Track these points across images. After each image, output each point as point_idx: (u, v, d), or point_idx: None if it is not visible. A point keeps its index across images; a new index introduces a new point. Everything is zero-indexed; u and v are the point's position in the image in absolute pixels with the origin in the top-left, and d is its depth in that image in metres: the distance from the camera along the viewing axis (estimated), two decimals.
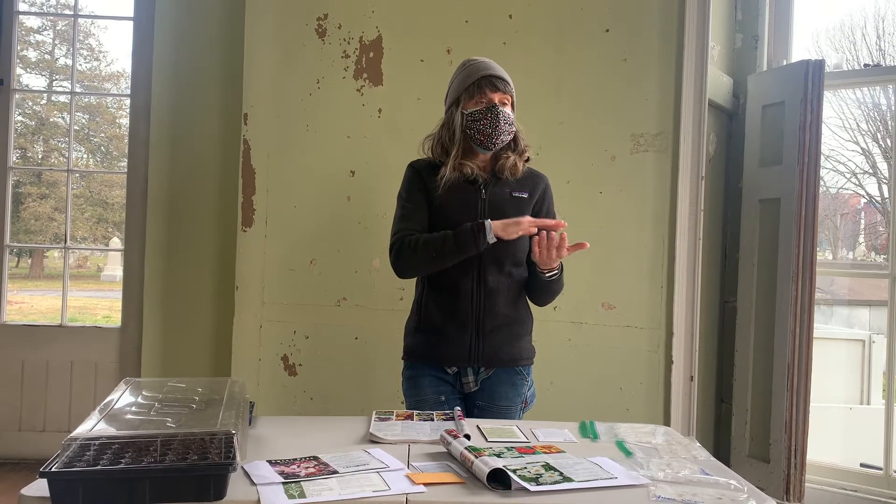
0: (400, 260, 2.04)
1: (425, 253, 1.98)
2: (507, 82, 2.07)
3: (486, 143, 2.04)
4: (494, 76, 2.05)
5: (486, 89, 2.03)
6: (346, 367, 2.95)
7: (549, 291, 2.11)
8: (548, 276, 2.02)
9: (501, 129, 2.02)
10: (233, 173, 3.19)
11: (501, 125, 2.02)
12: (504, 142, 2.06)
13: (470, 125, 2.04)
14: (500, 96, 2.04)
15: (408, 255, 2.01)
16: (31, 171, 14.01)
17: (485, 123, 2.02)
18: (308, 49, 2.98)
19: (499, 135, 2.03)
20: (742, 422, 3.17)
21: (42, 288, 13.21)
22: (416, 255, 2.00)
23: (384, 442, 1.61)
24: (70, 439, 1.20)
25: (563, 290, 2.12)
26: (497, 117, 2.01)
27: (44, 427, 3.63)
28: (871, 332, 4.40)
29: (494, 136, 2.03)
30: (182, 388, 1.58)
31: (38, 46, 13.62)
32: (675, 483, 1.38)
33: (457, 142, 2.06)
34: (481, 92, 2.04)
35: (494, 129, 2.02)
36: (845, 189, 9.21)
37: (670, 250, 2.80)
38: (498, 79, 2.05)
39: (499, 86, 2.04)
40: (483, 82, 2.04)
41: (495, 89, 2.04)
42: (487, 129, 2.02)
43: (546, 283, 2.05)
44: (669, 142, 2.80)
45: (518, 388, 2.10)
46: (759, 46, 3.33)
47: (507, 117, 2.03)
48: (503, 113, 2.02)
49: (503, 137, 2.05)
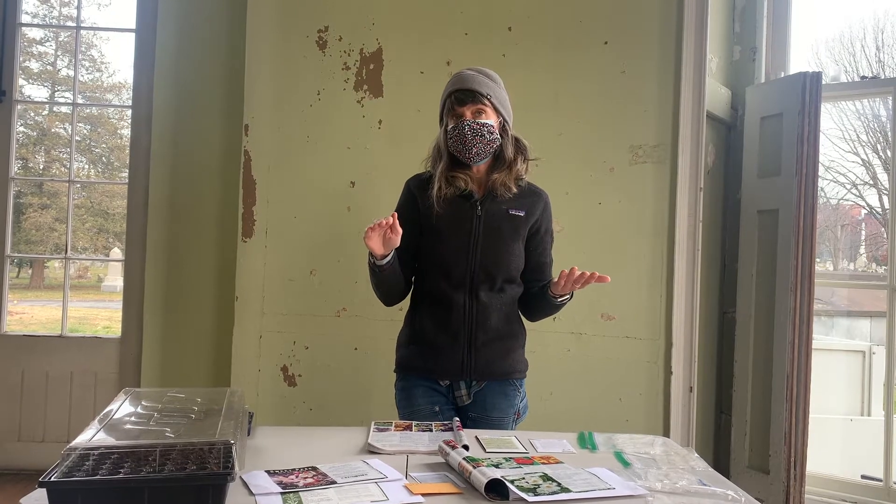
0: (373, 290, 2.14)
1: (372, 284, 2.10)
2: (475, 92, 2.01)
3: (464, 157, 2.03)
4: (461, 90, 2.03)
5: (454, 106, 2.03)
6: (345, 377, 2.95)
7: (550, 312, 2.13)
8: (559, 301, 2.03)
9: (471, 143, 2.00)
10: (233, 184, 3.20)
11: (469, 139, 1.99)
12: (484, 152, 2.03)
13: (449, 143, 2.05)
14: (471, 108, 2.01)
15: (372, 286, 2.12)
16: (33, 182, 14.04)
17: (455, 140, 2.01)
18: (309, 60, 3.00)
19: (470, 148, 2.00)
20: (741, 433, 3.17)
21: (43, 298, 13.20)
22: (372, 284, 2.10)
23: (383, 452, 1.62)
24: (69, 449, 1.21)
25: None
26: (462, 132, 2.00)
27: (43, 437, 3.63)
28: (871, 344, 4.38)
29: (466, 151, 2.01)
30: (181, 399, 1.59)
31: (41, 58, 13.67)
32: (672, 494, 1.38)
33: (443, 157, 2.07)
34: (452, 110, 2.04)
35: (463, 144, 2.00)
36: (846, 200, 9.22)
37: (669, 261, 2.80)
38: (465, 91, 2.02)
39: (465, 99, 2.02)
40: (451, 100, 2.04)
41: (462, 103, 2.02)
42: (458, 145, 2.01)
43: (554, 307, 2.06)
44: (668, 153, 2.82)
45: (511, 399, 2.10)
46: (758, 58, 3.35)
47: (476, 130, 2.00)
48: (470, 127, 1.99)
49: (477, 150, 2.01)
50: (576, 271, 1.89)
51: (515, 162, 2.08)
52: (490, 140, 2.02)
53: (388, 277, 2.03)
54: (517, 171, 2.08)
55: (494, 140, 2.04)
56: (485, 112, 2.02)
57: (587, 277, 1.89)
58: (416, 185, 2.13)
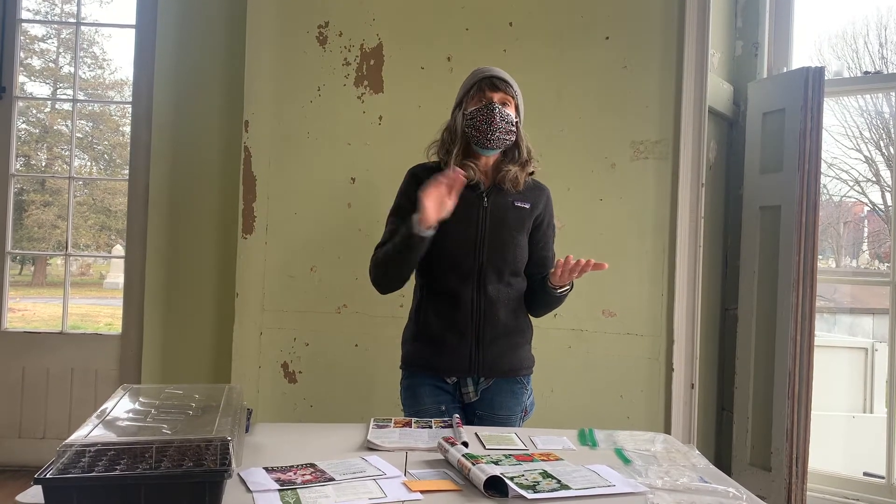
0: (373, 279, 2.08)
1: (385, 263, 2.02)
2: (510, 84, 2.06)
3: (482, 141, 2.01)
4: (495, 77, 2.05)
5: (485, 89, 2.03)
6: (346, 374, 2.94)
7: (552, 305, 2.11)
8: (559, 292, 2.02)
9: (497, 126, 1.99)
10: (233, 180, 3.20)
11: (497, 121, 1.99)
12: (502, 141, 2.02)
13: (468, 123, 2.02)
14: (501, 96, 2.03)
15: (375, 273, 2.06)
16: (35, 179, 14.05)
17: (480, 120, 2.00)
18: (309, 56, 2.99)
19: (494, 131, 1.99)
20: (743, 430, 3.16)
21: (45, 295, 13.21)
22: (378, 269, 2.05)
23: (382, 449, 1.61)
24: (65, 446, 1.20)
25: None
26: (492, 113, 1.99)
27: (44, 434, 3.63)
28: (873, 340, 4.37)
29: (490, 133, 1.99)
30: (179, 395, 1.58)
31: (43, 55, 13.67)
32: (673, 491, 1.37)
33: (457, 142, 2.06)
34: (481, 92, 2.04)
35: (490, 125, 1.99)
36: (848, 197, 9.19)
37: (671, 257, 2.79)
38: (499, 79, 2.04)
39: (499, 86, 2.03)
40: (483, 83, 2.04)
41: (495, 89, 2.03)
42: (483, 125, 1.99)
43: (555, 298, 2.05)
44: (670, 149, 2.81)
45: (518, 398, 2.09)
46: (760, 54, 3.33)
47: (504, 115, 2.00)
48: (500, 110, 2.00)
49: (499, 135, 2.00)
50: (571, 259, 1.89)
51: (528, 164, 2.10)
52: (510, 131, 2.03)
53: (417, 254, 1.95)
54: (527, 172, 2.10)
55: (513, 133, 2.05)
56: (510, 105, 2.05)
57: (583, 265, 1.88)
58: (424, 172, 2.08)
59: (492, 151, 2.06)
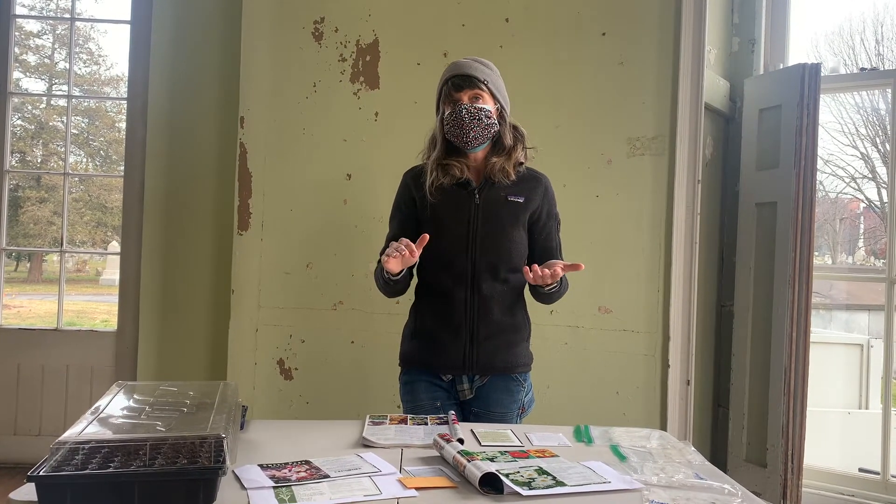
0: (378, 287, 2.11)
1: (379, 287, 2.09)
2: (474, 77, 2.01)
3: (461, 144, 2.02)
4: (457, 76, 2.03)
5: (451, 92, 2.03)
6: (342, 371, 2.94)
7: (547, 301, 2.10)
8: (547, 290, 2.00)
9: (468, 127, 1.99)
10: (229, 177, 3.19)
11: (467, 122, 1.98)
12: (481, 137, 2.02)
13: (446, 129, 2.03)
14: (469, 93, 2.01)
15: (377, 285, 2.10)
16: (30, 175, 14.01)
17: (452, 125, 2.00)
18: (305, 52, 2.98)
19: (467, 132, 1.99)
20: (739, 426, 3.16)
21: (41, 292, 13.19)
22: (377, 285, 2.09)
23: (377, 446, 1.61)
24: (59, 443, 1.20)
25: (568, 290, 2.10)
26: (460, 116, 1.99)
27: (39, 431, 3.62)
28: (869, 337, 4.38)
29: (464, 135, 1.99)
30: (174, 392, 1.58)
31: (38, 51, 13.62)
32: (668, 487, 1.37)
33: (438, 146, 2.06)
34: (449, 96, 2.04)
35: (461, 128, 1.99)
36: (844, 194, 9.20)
37: (667, 254, 2.79)
38: (461, 77, 2.02)
39: (463, 84, 2.01)
40: (447, 86, 2.04)
41: (459, 89, 2.01)
42: (456, 129, 2.00)
43: (545, 295, 2.04)
44: (666, 145, 2.80)
45: (514, 395, 2.08)
46: (756, 50, 3.33)
47: (474, 114, 1.99)
48: (468, 110, 1.99)
49: (475, 134, 2.00)
50: (537, 269, 1.85)
51: (515, 149, 2.07)
52: (487, 125, 2.01)
53: (399, 285, 2.04)
54: (516, 158, 2.07)
55: (492, 125, 2.02)
56: (482, 97, 2.02)
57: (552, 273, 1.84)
58: (411, 177, 2.13)
59: (476, 149, 2.06)
